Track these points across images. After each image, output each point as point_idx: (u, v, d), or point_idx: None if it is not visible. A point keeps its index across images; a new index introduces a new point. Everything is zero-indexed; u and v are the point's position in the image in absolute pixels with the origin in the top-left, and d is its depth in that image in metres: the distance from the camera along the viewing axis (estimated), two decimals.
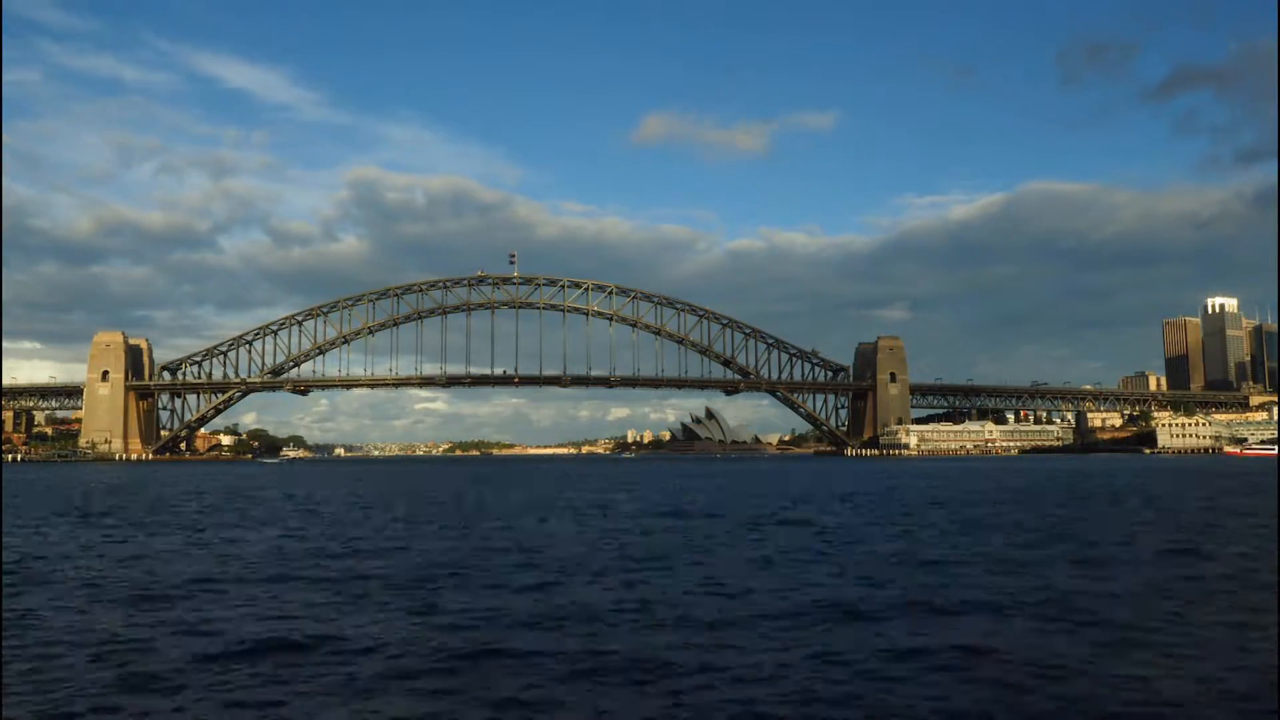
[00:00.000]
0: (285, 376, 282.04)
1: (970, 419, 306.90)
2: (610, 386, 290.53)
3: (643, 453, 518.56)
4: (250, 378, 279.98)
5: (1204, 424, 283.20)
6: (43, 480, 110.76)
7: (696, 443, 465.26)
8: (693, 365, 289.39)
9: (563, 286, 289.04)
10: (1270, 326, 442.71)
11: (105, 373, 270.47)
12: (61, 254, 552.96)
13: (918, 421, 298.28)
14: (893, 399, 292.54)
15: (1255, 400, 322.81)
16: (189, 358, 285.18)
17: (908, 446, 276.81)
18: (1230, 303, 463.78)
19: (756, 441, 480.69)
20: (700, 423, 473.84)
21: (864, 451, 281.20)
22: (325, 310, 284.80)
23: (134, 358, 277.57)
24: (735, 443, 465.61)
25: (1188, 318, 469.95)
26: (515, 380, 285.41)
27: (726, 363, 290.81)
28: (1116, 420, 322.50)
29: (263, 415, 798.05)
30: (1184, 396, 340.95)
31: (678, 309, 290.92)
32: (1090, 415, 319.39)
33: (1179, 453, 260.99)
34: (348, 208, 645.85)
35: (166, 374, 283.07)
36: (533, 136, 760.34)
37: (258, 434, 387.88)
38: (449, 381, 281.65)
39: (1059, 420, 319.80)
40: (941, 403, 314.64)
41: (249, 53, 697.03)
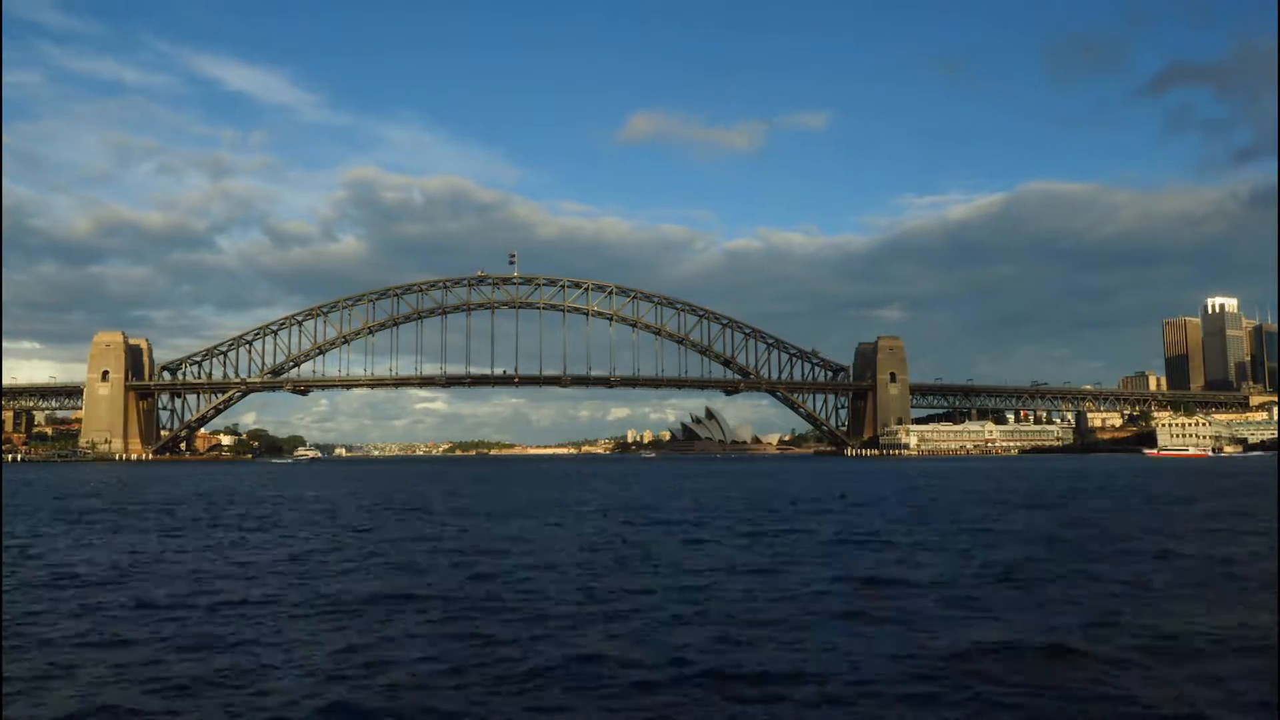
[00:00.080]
0: (285, 376, 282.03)
1: (970, 419, 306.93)
2: (610, 386, 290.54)
3: (643, 452, 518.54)
4: (250, 378, 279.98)
5: (1204, 424, 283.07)
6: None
7: (696, 443, 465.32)
8: (693, 365, 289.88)
9: (563, 286, 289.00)
10: (1270, 326, 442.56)
11: (105, 373, 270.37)
12: (60, 254, 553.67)
13: (918, 421, 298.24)
14: (893, 399, 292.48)
15: (1255, 400, 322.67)
16: (189, 358, 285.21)
17: (908, 446, 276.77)
18: (1230, 303, 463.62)
19: (756, 441, 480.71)
20: (700, 423, 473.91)
21: (864, 451, 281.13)
22: (325, 310, 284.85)
23: (134, 358, 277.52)
24: (735, 443, 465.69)
25: (1188, 318, 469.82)
26: (515, 380, 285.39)
27: (726, 363, 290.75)
28: (1116, 420, 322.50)
29: (262, 415, 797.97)
30: (1184, 396, 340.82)
31: (678, 309, 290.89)
32: (1090, 415, 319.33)
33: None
34: (346, 208, 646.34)
35: (166, 374, 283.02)
36: (531, 136, 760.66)
37: (258, 434, 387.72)
38: (449, 381, 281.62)
39: (1059, 420, 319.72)
40: (941, 403, 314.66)
41: (249, 55, 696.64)
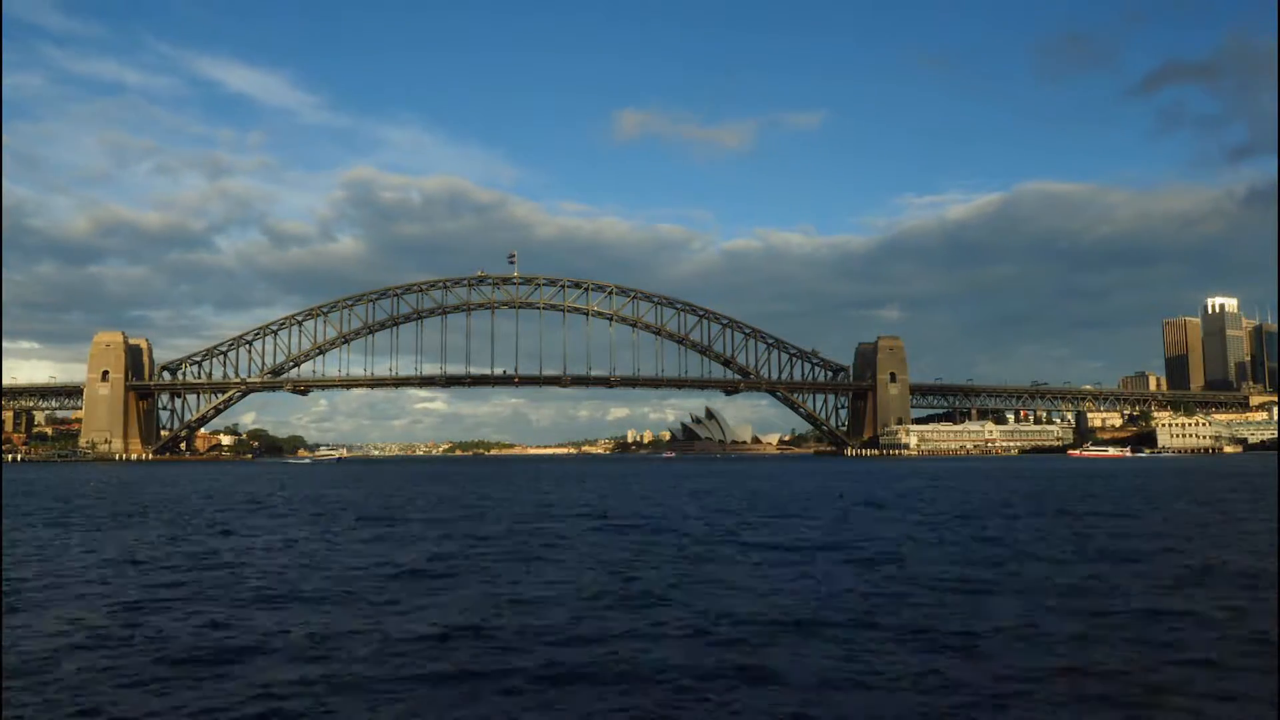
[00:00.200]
0: (285, 376, 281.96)
1: (970, 419, 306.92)
2: (610, 386, 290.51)
3: (643, 451, 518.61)
4: (250, 378, 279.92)
5: (1204, 424, 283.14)
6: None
7: (696, 443, 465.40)
8: (693, 365, 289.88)
9: (563, 286, 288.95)
10: (1270, 326, 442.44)
11: (105, 373, 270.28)
12: (59, 254, 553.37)
13: (917, 421, 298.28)
14: (893, 399, 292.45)
15: (1255, 400, 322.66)
16: (189, 358, 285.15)
17: (908, 446, 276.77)
18: (1230, 303, 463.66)
19: (756, 441, 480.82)
20: (700, 423, 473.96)
21: (864, 451, 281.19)
22: (325, 310, 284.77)
23: (134, 358, 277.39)
24: (735, 442, 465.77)
25: (1187, 318, 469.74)
26: (515, 380, 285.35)
27: (726, 363, 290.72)
28: (1116, 420, 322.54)
29: (261, 415, 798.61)
30: (1184, 396, 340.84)
31: (678, 309, 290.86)
32: (1090, 415, 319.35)
33: (1179, 452, 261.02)
34: (344, 208, 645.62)
35: (166, 374, 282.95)
36: (529, 136, 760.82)
37: (258, 434, 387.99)
38: (449, 381, 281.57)
39: (1059, 420, 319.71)
40: (941, 403, 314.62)
41: (250, 56, 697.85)
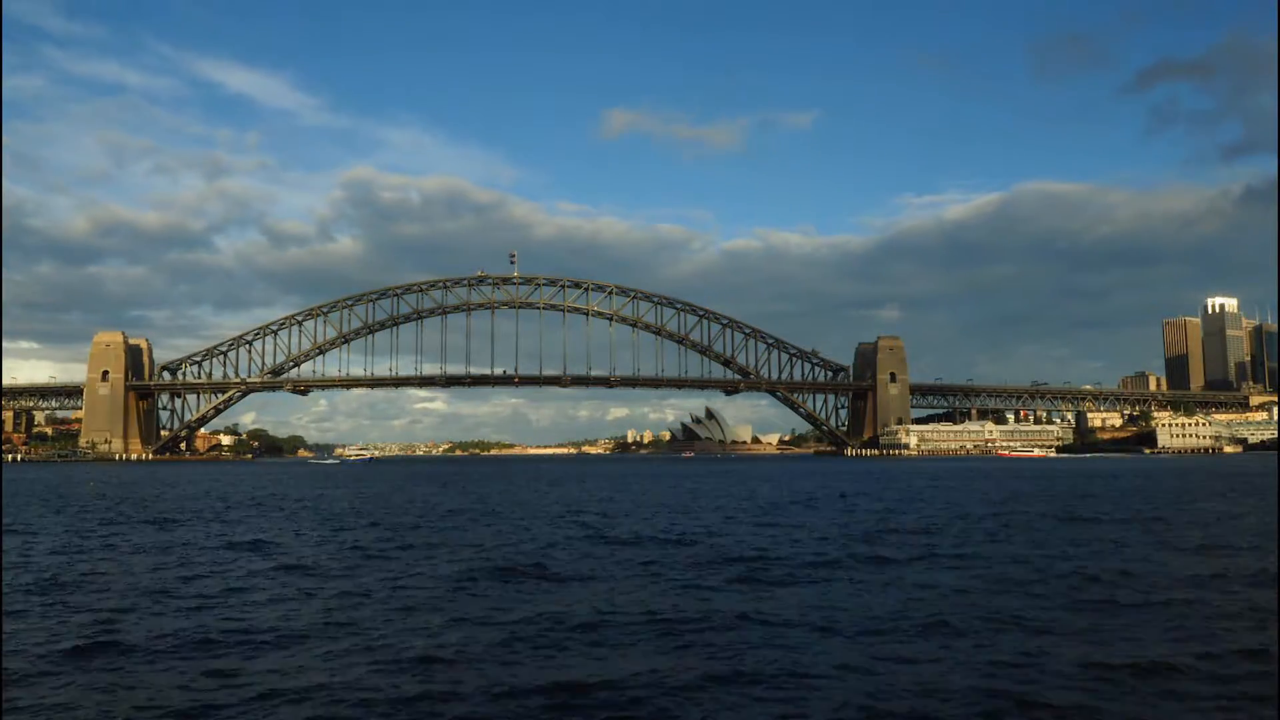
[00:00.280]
0: (285, 376, 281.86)
1: (970, 419, 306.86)
2: (610, 386, 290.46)
3: (643, 451, 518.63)
4: (250, 378, 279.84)
5: (1204, 424, 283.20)
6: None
7: (696, 442, 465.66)
8: (693, 365, 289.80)
9: (563, 286, 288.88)
10: (1270, 326, 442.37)
11: (105, 373, 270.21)
12: (58, 254, 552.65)
13: (917, 421, 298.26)
14: (893, 399, 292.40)
15: (1255, 400, 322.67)
16: (189, 358, 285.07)
17: (908, 446, 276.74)
18: (1230, 303, 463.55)
19: (756, 441, 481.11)
20: (700, 423, 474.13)
21: (864, 451, 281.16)
22: (325, 310, 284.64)
23: (134, 358, 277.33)
24: (735, 442, 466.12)
25: (1187, 318, 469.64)
26: (515, 380, 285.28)
27: (726, 363, 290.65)
28: (1116, 420, 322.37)
29: (261, 415, 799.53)
30: (1184, 396, 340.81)
31: (678, 309, 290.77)
32: (1090, 415, 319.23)
33: (1179, 452, 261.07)
34: (343, 208, 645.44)
35: (166, 374, 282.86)
36: (528, 136, 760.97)
37: (257, 434, 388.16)
38: (449, 381, 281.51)
39: (1059, 420, 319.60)
40: (941, 403, 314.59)
41: (250, 58, 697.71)
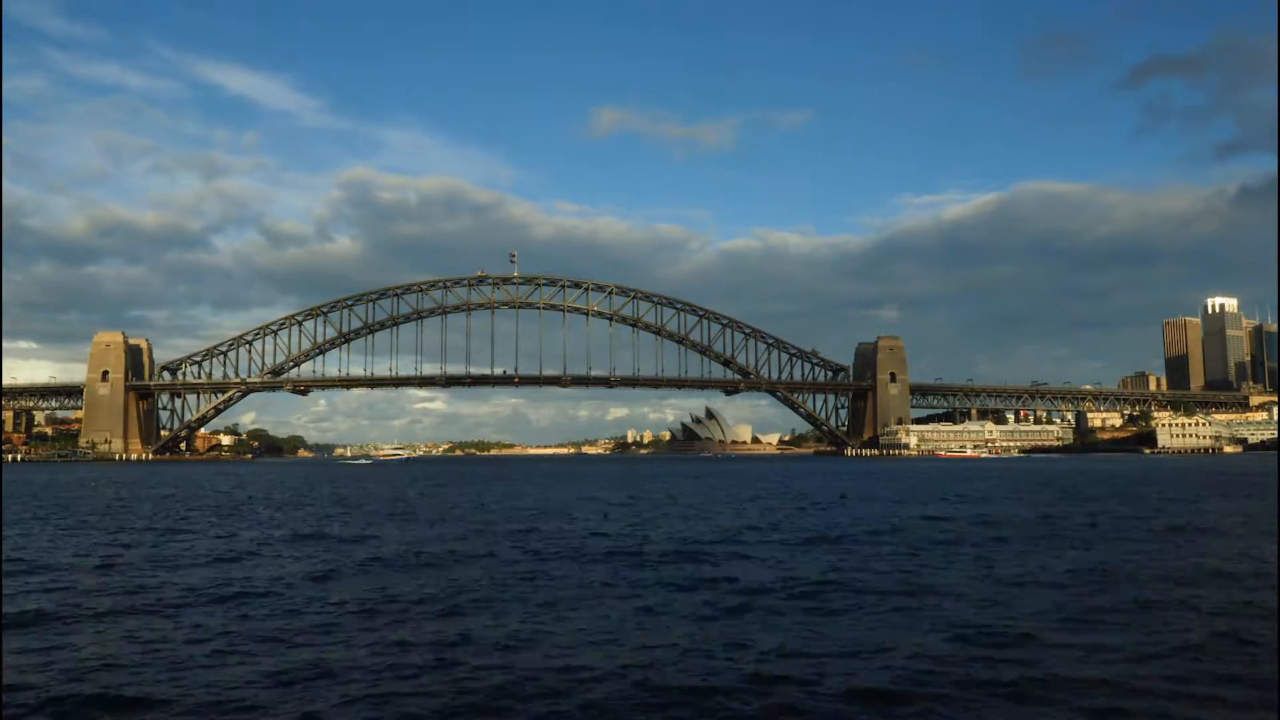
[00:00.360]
0: (285, 376, 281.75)
1: (970, 419, 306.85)
2: (610, 386, 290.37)
3: (643, 452, 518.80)
4: (250, 378, 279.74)
5: (1204, 424, 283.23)
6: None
7: (696, 442, 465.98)
8: (693, 365, 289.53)
9: (563, 286, 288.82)
10: (1270, 326, 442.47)
11: (105, 373, 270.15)
12: (57, 254, 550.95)
13: (917, 421, 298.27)
14: (893, 399, 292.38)
15: (1255, 400, 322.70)
16: (189, 358, 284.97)
17: (908, 446, 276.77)
18: (1230, 303, 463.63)
19: (756, 441, 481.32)
20: (700, 423, 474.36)
21: (864, 451, 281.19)
22: (325, 310, 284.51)
23: (134, 358, 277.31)
24: (735, 442, 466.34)
25: (1187, 318, 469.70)
26: (515, 380, 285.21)
27: (726, 363, 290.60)
28: (1116, 420, 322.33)
29: (261, 415, 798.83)
30: (1184, 396, 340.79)
31: (678, 309, 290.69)
32: (1090, 415, 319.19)
33: (1179, 452, 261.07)
34: (341, 208, 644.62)
35: (166, 374, 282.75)
36: (526, 136, 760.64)
37: (257, 434, 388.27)
38: (449, 381, 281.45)
39: (1059, 420, 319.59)
40: (941, 403, 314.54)
41: (251, 60, 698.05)
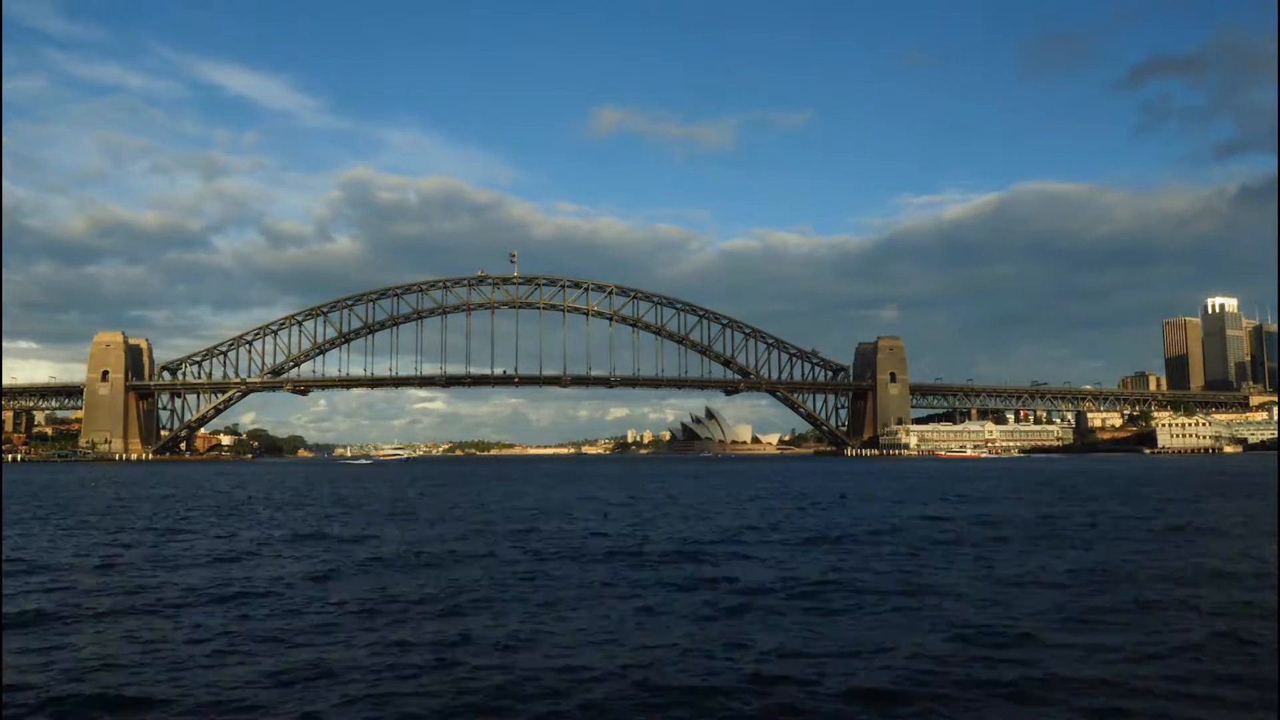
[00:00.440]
0: (285, 376, 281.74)
1: (970, 419, 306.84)
2: (610, 386, 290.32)
3: (643, 452, 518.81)
4: (250, 378, 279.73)
5: (1204, 424, 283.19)
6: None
7: (696, 442, 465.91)
8: (693, 365, 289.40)
9: (563, 286, 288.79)
10: (1270, 326, 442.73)
11: (105, 373, 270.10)
12: (56, 254, 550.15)
13: (917, 421, 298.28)
14: (893, 399, 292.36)
15: (1255, 400, 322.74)
16: (189, 358, 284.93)
17: (908, 446, 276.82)
18: (1230, 303, 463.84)
19: (756, 441, 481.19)
20: (700, 423, 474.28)
21: (863, 451, 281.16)
22: (325, 310, 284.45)
23: (134, 358, 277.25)
24: (735, 442, 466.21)
25: (1188, 318, 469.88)
26: (515, 380, 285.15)
27: (726, 363, 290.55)
28: (1116, 420, 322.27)
29: (260, 415, 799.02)
30: (1184, 396, 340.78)
31: (678, 309, 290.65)
32: (1090, 415, 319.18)
33: (1179, 452, 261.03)
34: (341, 208, 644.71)
35: (166, 374, 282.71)
36: (525, 136, 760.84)
37: (257, 434, 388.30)
38: (449, 381, 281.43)
39: (1059, 420, 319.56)
40: (941, 403, 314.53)
41: (252, 61, 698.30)
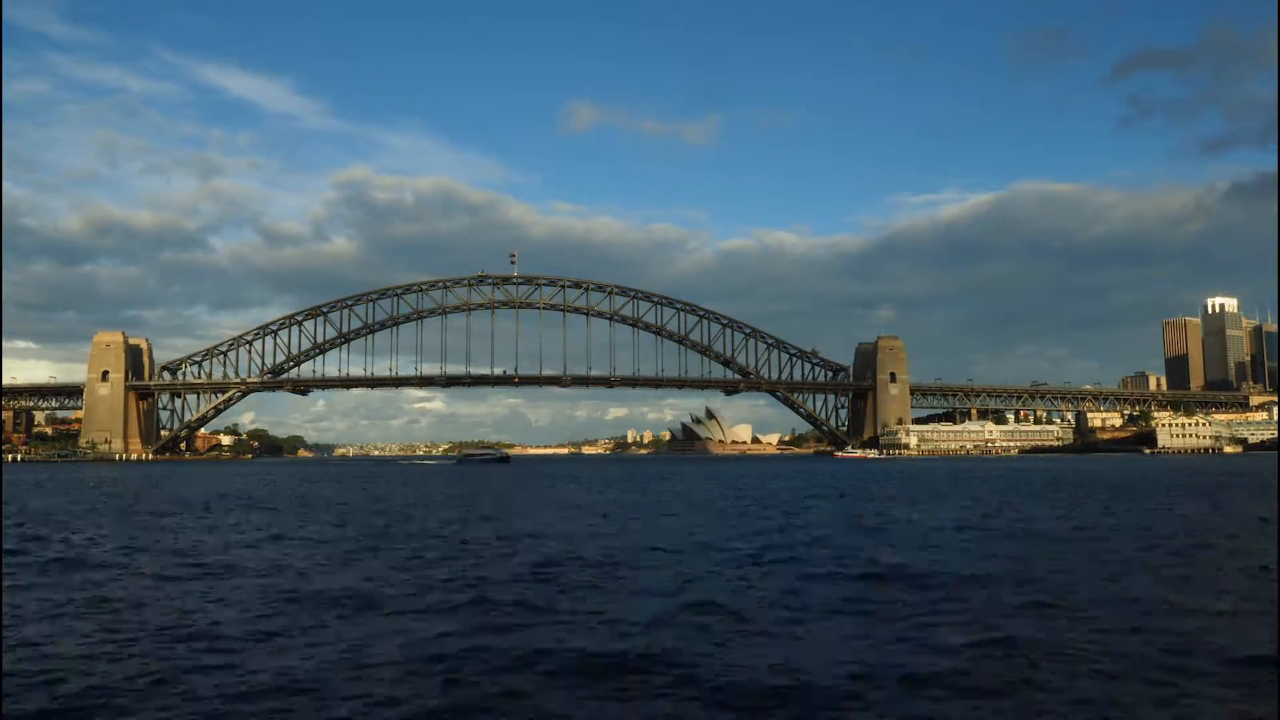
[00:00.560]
0: (285, 376, 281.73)
1: (970, 419, 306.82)
2: (610, 386, 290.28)
3: (642, 452, 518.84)
4: (250, 378, 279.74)
5: (1204, 424, 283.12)
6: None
7: (696, 443, 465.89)
8: (693, 365, 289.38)
9: (563, 286, 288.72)
10: (1270, 326, 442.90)
11: (105, 373, 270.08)
12: (53, 253, 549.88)
13: (917, 421, 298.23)
14: (893, 399, 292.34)
15: (1255, 400, 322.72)
16: (189, 358, 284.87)
17: (908, 446, 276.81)
18: (1230, 303, 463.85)
19: (756, 441, 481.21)
20: (700, 423, 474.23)
21: (864, 451, 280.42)
22: (325, 310, 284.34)
23: (134, 358, 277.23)
24: (735, 442, 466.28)
25: (1187, 318, 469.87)
26: (515, 380, 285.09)
27: (726, 363, 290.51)
28: (1116, 420, 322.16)
29: (259, 415, 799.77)
30: (1184, 396, 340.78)
31: (678, 309, 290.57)
32: (1090, 415, 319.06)
33: (1179, 452, 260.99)
34: (338, 208, 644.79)
35: (166, 374, 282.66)
36: (524, 136, 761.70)
37: (257, 434, 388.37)
38: (449, 381, 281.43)
39: (1059, 420, 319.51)
40: (941, 403, 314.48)
41: (252, 63, 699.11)
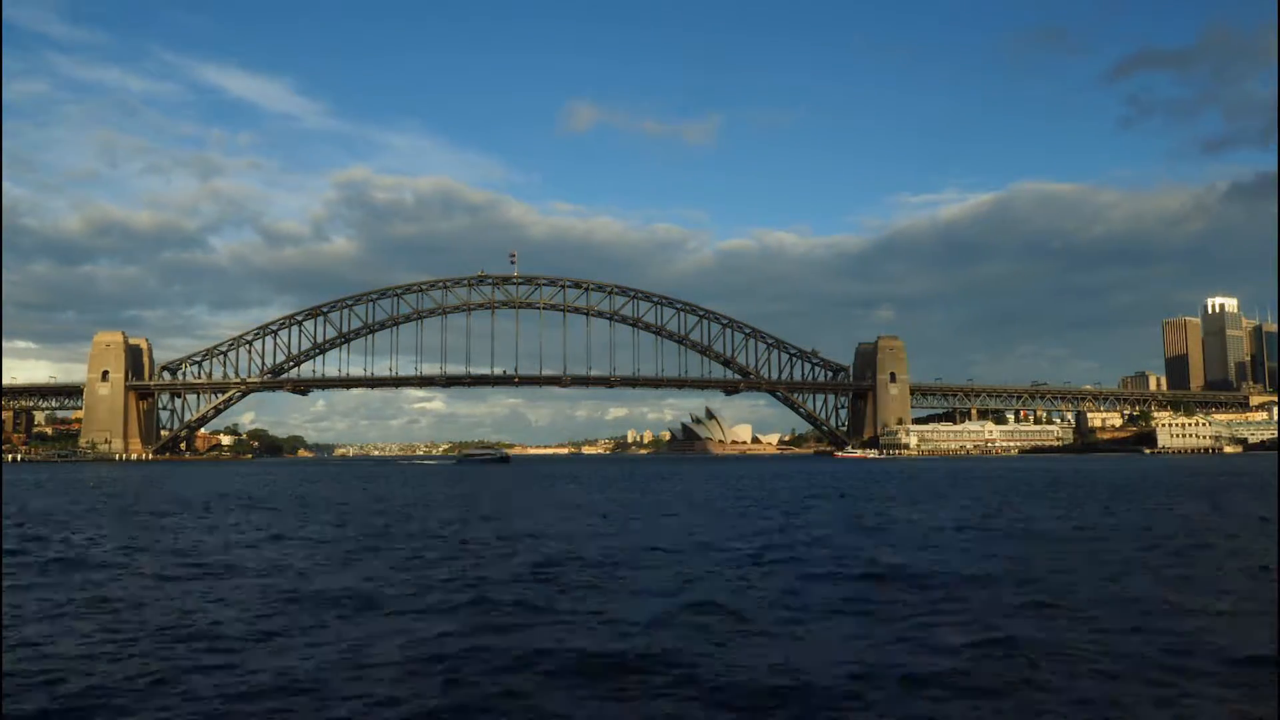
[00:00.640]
0: (285, 376, 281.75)
1: (970, 419, 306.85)
2: (610, 386, 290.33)
3: (642, 452, 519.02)
4: (250, 378, 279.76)
5: (1204, 424, 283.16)
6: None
7: (696, 442, 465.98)
8: (693, 365, 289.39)
9: (563, 286, 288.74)
10: (1270, 326, 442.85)
11: (105, 373, 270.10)
12: (53, 253, 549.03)
13: (917, 421, 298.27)
14: (893, 399, 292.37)
15: (1255, 400, 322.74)
16: (189, 358, 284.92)
17: (908, 446, 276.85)
18: (1230, 303, 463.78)
19: (756, 441, 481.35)
20: (700, 423, 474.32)
21: (864, 451, 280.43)
22: (325, 310, 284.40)
23: (134, 358, 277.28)
24: (735, 442, 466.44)
25: (1187, 318, 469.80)
26: (515, 380, 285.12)
27: (726, 363, 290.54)
28: (1116, 420, 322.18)
29: (259, 415, 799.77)
30: (1184, 396, 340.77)
31: (678, 309, 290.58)
32: (1090, 415, 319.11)
33: (1179, 452, 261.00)
34: (338, 208, 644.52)
35: (166, 374, 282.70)
36: (523, 136, 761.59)
37: (257, 434, 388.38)
38: (449, 381, 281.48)
39: (1059, 420, 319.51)
40: (941, 403, 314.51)
41: (253, 63, 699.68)
